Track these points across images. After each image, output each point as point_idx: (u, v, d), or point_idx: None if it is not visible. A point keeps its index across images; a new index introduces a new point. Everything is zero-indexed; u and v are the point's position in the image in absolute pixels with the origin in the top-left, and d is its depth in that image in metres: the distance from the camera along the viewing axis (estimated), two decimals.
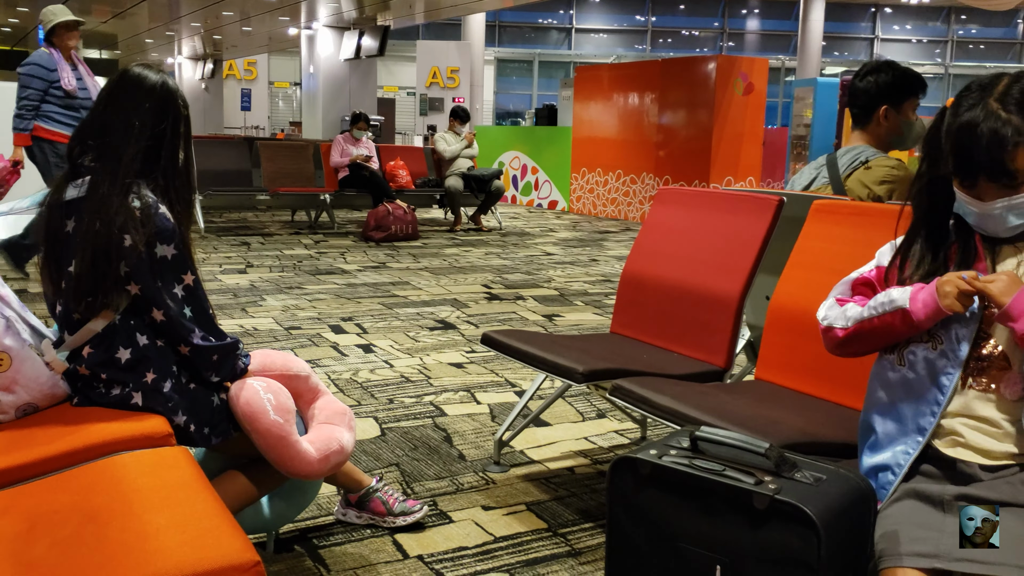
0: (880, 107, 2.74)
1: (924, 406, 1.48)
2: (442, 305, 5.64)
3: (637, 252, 3.00)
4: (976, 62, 27.64)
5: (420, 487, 2.74)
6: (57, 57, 5.80)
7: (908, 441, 1.50)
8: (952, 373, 1.46)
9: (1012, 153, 1.38)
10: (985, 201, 1.43)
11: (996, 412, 1.43)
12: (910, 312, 1.47)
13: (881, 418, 1.55)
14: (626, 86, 11.86)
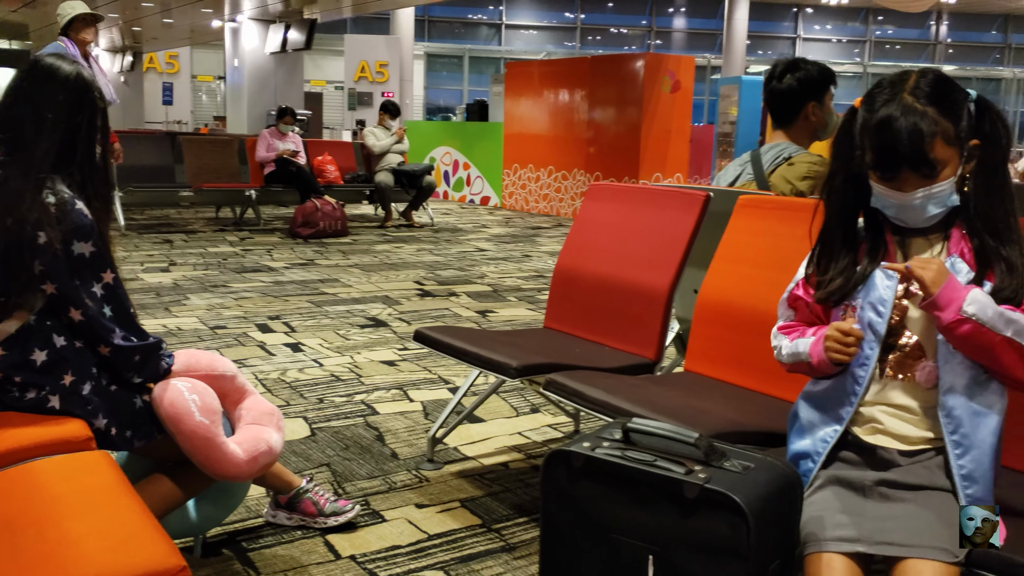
0: (807, 104, 2.80)
1: (843, 396, 1.53)
2: (373, 302, 5.59)
3: (569, 247, 3.02)
4: (893, 62, 28.50)
5: (352, 487, 2.71)
6: (73, 51, 5.63)
7: (827, 429, 1.55)
8: (867, 364, 1.50)
9: (931, 143, 1.43)
10: (905, 192, 1.47)
11: (912, 400, 1.48)
12: (815, 366, 1.57)
13: (805, 406, 1.60)
14: (556, 83, 11.92)
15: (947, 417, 1.43)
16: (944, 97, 1.45)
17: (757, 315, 2.26)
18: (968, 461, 1.42)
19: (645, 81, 10.60)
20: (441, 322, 5.07)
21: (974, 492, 1.41)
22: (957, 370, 1.44)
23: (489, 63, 28.03)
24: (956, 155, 1.46)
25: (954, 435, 1.43)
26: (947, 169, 1.45)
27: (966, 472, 1.42)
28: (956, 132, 1.45)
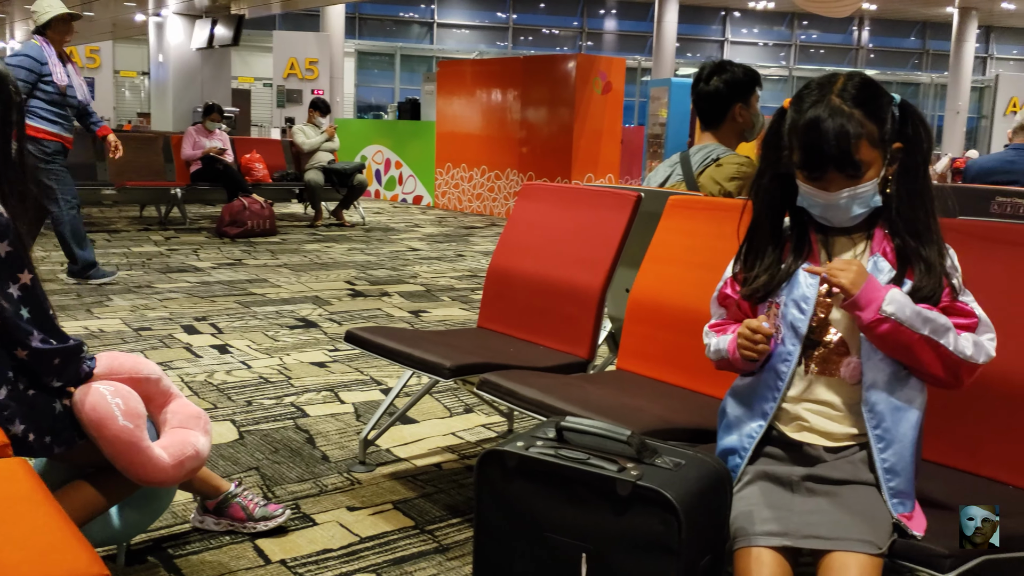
0: (734, 105, 2.85)
1: (766, 392, 1.56)
2: (303, 303, 5.51)
3: (503, 247, 3.02)
4: (817, 66, 29.26)
5: (282, 490, 2.66)
6: (49, 51, 5.49)
7: (752, 425, 1.58)
8: (789, 361, 1.53)
9: (856, 145, 1.46)
10: (831, 192, 1.50)
11: (837, 396, 1.52)
12: (733, 363, 1.62)
13: (732, 403, 1.63)
14: (489, 82, 11.92)
15: (870, 412, 1.47)
16: (870, 100, 1.49)
17: (688, 314, 2.29)
18: (890, 455, 1.45)
19: (577, 82, 10.68)
20: (373, 323, 5.03)
21: (896, 485, 1.45)
22: (879, 366, 1.47)
23: (421, 61, 27.91)
24: (880, 157, 1.50)
25: (876, 429, 1.46)
26: (871, 170, 1.49)
27: (888, 466, 1.45)
28: (880, 134, 1.49)
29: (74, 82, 5.63)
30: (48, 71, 5.45)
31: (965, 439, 1.80)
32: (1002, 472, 1.74)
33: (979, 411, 1.78)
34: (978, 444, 1.78)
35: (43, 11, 5.56)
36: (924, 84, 28.92)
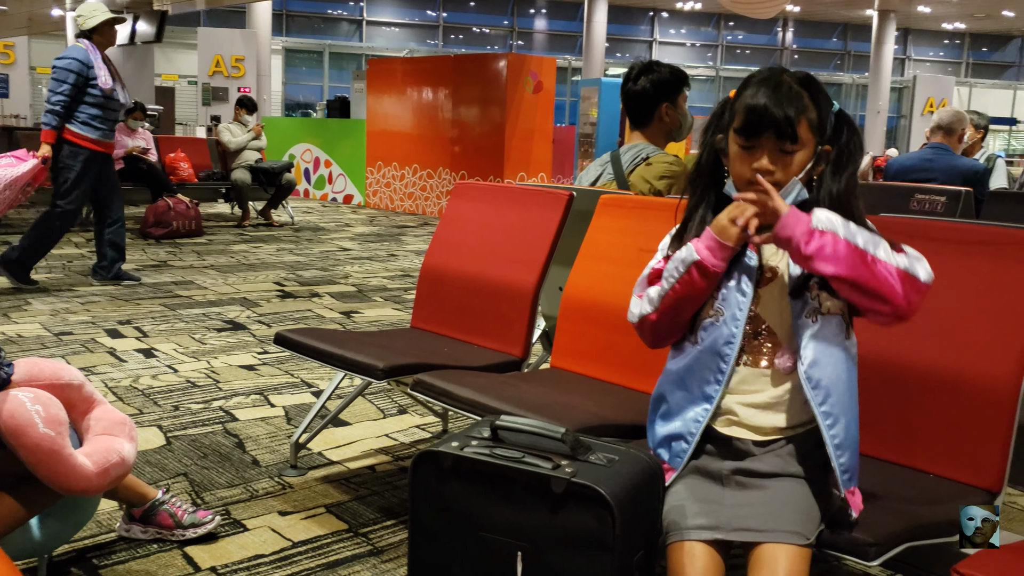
0: (661, 105, 2.88)
1: (709, 375, 1.55)
2: (230, 305, 5.41)
3: (436, 246, 3.00)
4: (743, 66, 29.84)
5: (211, 496, 2.61)
6: (95, 54, 5.48)
7: (697, 410, 1.56)
8: (733, 343, 1.53)
9: (799, 118, 1.48)
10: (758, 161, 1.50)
11: (769, 387, 1.53)
12: (702, 261, 1.51)
13: (673, 389, 1.60)
14: (420, 80, 11.86)
15: (815, 390, 1.46)
16: (815, 92, 1.52)
17: (620, 311, 2.30)
18: (839, 430, 1.46)
19: (508, 81, 10.70)
20: (303, 324, 4.96)
21: (846, 461, 1.46)
22: (819, 344, 1.47)
23: (350, 59, 27.61)
24: (812, 147, 1.51)
25: (823, 406, 1.46)
26: (800, 155, 1.50)
27: (838, 442, 1.45)
28: (818, 124, 1.51)
29: (117, 86, 5.62)
30: (95, 74, 5.44)
31: (892, 432, 1.85)
32: (926, 463, 1.80)
33: (906, 404, 1.84)
34: (904, 436, 1.84)
35: (89, 15, 5.54)
36: (846, 84, 29.73)
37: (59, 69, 5.40)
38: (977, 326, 1.77)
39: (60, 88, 5.38)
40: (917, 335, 1.84)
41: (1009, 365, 1.71)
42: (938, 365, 1.80)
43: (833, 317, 1.49)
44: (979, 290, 1.80)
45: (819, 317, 1.48)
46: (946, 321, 1.82)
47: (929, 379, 1.81)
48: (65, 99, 5.39)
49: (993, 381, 1.72)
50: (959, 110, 4.96)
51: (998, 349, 1.73)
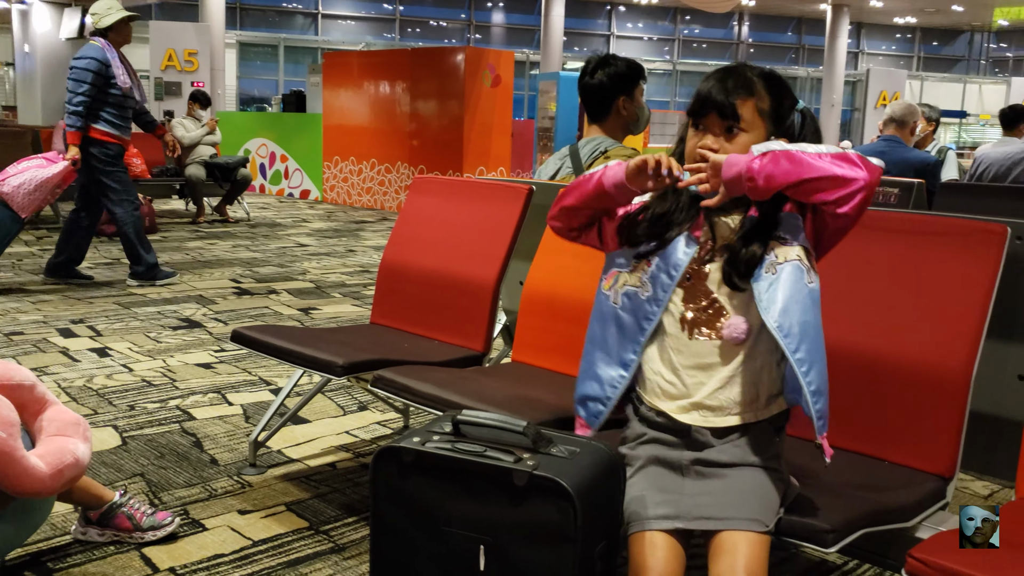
0: (618, 98, 2.90)
1: (628, 344, 1.58)
2: (186, 302, 5.33)
3: (395, 241, 2.99)
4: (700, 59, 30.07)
5: (169, 496, 2.57)
6: (111, 53, 5.48)
7: (614, 374, 1.59)
8: (651, 319, 1.55)
9: (744, 99, 1.52)
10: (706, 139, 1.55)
11: (717, 359, 1.53)
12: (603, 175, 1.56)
13: (593, 350, 1.63)
14: (377, 74, 11.78)
15: (787, 338, 1.45)
16: (774, 84, 1.57)
17: (581, 304, 2.31)
18: (815, 375, 1.46)
19: (466, 75, 10.66)
20: (260, 321, 4.90)
21: (821, 407, 1.47)
22: (782, 292, 1.46)
23: (306, 53, 27.32)
24: (762, 132, 1.54)
25: (797, 352, 1.45)
26: (746, 137, 1.53)
27: (814, 388, 1.45)
28: (771, 112, 1.55)
29: (133, 83, 5.62)
30: (113, 73, 5.44)
31: (848, 421, 1.88)
32: (881, 450, 1.83)
33: (860, 393, 1.87)
34: (860, 425, 1.87)
35: (104, 13, 5.53)
36: (801, 78, 30.11)
37: (78, 69, 5.39)
38: (929, 316, 1.81)
39: (80, 88, 5.37)
40: (871, 324, 1.88)
41: (961, 354, 1.74)
42: (892, 355, 1.83)
43: (790, 263, 1.48)
44: (932, 280, 1.83)
45: (777, 268, 1.48)
46: (899, 311, 1.85)
47: (883, 369, 1.84)
48: (87, 99, 5.38)
49: (945, 370, 1.76)
50: (911, 103, 5.05)
51: (950, 338, 1.77)
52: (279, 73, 27.39)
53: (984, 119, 27.03)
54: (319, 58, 21.55)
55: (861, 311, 1.89)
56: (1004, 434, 1.87)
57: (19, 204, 5.21)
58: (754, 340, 1.51)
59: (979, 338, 1.74)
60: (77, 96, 5.37)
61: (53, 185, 5.25)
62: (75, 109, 5.37)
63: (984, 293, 1.75)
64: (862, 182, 1.42)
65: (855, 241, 1.85)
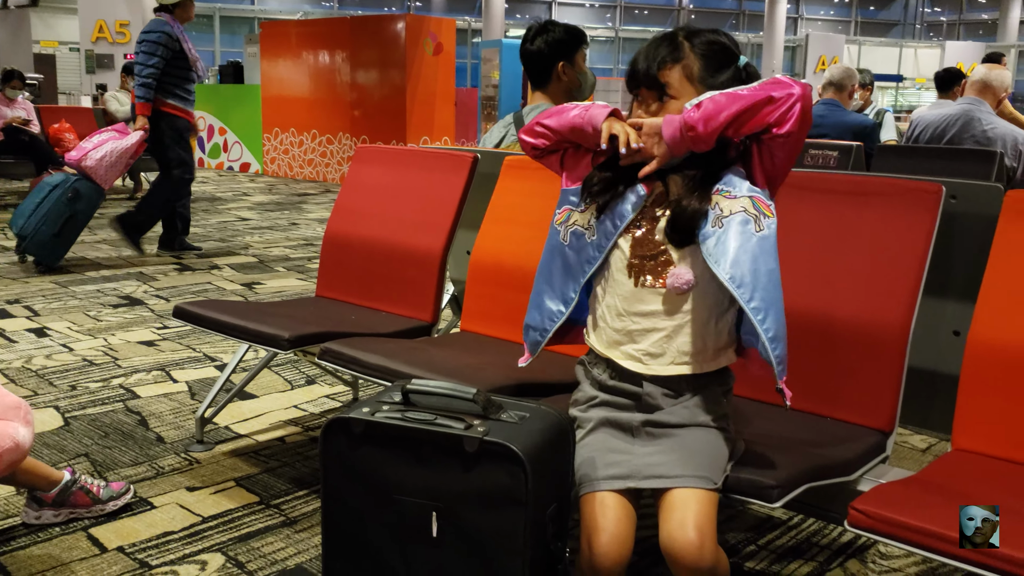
0: (557, 64, 2.89)
1: (570, 282, 1.61)
2: (126, 280, 5.22)
3: (338, 213, 2.95)
4: (641, 26, 30.10)
5: (115, 476, 2.53)
6: (178, 28, 5.63)
7: (554, 308, 1.63)
8: (593, 263, 1.57)
9: (668, 68, 1.54)
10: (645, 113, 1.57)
11: (661, 307, 1.54)
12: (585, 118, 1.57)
13: (541, 281, 1.67)
14: (316, 44, 11.57)
15: (740, 287, 1.46)
16: (708, 45, 1.57)
17: (529, 272, 2.31)
18: (772, 322, 1.47)
19: (407, 43, 10.53)
20: (203, 297, 4.82)
21: (780, 352, 1.48)
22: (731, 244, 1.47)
23: (242, 23, 26.71)
24: (692, 94, 1.54)
25: (752, 302, 1.46)
26: (678, 102, 1.53)
27: (772, 334, 1.47)
28: (701, 75, 1.55)
29: (192, 56, 5.72)
30: (180, 47, 5.58)
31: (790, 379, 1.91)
32: (823, 407, 1.87)
33: (802, 352, 1.90)
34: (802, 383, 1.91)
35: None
36: (741, 44, 30.33)
37: (149, 43, 5.49)
38: (868, 274, 1.85)
39: (151, 61, 5.47)
40: (811, 284, 1.91)
41: (899, 311, 1.79)
42: (832, 313, 1.87)
43: (736, 215, 1.49)
44: (870, 239, 1.87)
45: (724, 221, 1.49)
46: (838, 270, 1.89)
47: (824, 327, 1.88)
48: (157, 71, 5.49)
49: (884, 327, 1.80)
50: (849, 67, 5.12)
51: (888, 296, 1.81)
52: (215, 44, 26.75)
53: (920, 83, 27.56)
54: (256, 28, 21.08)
55: (801, 271, 1.92)
56: (940, 389, 1.93)
57: (101, 177, 5.40)
58: (701, 292, 1.51)
59: (916, 296, 1.78)
60: (147, 68, 5.46)
61: (129, 156, 5.42)
62: (145, 81, 5.47)
63: (921, 251, 1.79)
64: (796, 95, 1.45)
65: (795, 202, 1.89)
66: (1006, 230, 1.76)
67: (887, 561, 2.16)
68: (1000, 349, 1.70)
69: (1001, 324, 1.71)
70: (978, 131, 4.32)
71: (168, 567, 2.06)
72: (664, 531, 1.43)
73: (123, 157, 5.42)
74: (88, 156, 5.36)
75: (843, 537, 2.26)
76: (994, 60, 5.80)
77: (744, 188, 1.51)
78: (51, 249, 5.36)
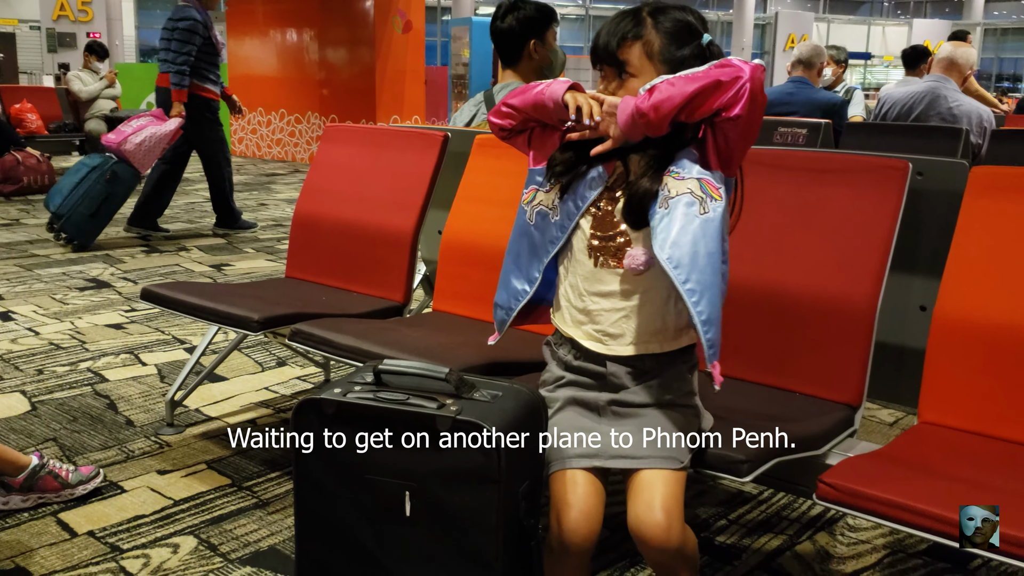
0: (529, 42, 2.87)
1: (535, 261, 1.62)
2: (92, 262, 5.15)
3: (308, 193, 2.93)
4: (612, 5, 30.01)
5: (84, 460, 2.50)
6: (205, 14, 5.82)
7: (519, 287, 1.64)
8: (556, 243, 1.58)
9: (627, 45, 1.53)
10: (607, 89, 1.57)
11: (618, 287, 1.54)
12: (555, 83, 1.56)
13: (509, 260, 1.67)
14: (283, 21, 11.42)
15: (676, 268, 1.45)
16: (673, 22, 1.55)
17: (500, 252, 2.30)
18: (706, 305, 1.46)
19: (376, 21, 10.43)
20: (171, 279, 4.77)
21: (712, 336, 1.47)
22: (673, 226, 1.47)
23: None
24: (652, 73, 1.53)
25: (687, 283, 1.46)
26: (637, 80, 1.53)
27: (704, 317, 1.46)
28: (661, 54, 1.54)
29: (218, 39, 6.00)
30: (208, 33, 5.80)
31: (760, 355, 1.93)
32: (792, 382, 1.89)
33: (772, 328, 1.92)
34: (771, 358, 1.93)
35: None
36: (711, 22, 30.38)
37: (182, 31, 5.66)
38: (837, 250, 1.87)
39: (185, 48, 5.66)
40: (780, 261, 1.93)
41: (866, 286, 1.80)
42: (801, 289, 1.89)
43: (682, 197, 1.48)
44: (839, 216, 1.89)
45: (670, 203, 1.48)
46: (807, 247, 1.91)
47: (793, 303, 1.90)
48: (191, 59, 5.69)
49: (852, 303, 1.82)
50: (817, 44, 5.14)
51: (856, 271, 1.83)
52: None
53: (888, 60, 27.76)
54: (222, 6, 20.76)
55: (771, 248, 1.94)
56: (907, 363, 1.96)
57: (140, 161, 5.51)
58: (658, 272, 1.51)
59: (883, 271, 1.80)
60: (181, 56, 5.64)
61: (167, 141, 5.55)
62: (181, 68, 5.65)
63: (888, 227, 1.81)
64: (745, 78, 1.43)
65: (765, 180, 1.90)
66: (971, 206, 1.78)
67: (856, 533, 2.19)
68: (965, 323, 1.72)
69: (966, 299, 1.73)
70: (944, 108, 4.37)
71: (140, 551, 2.05)
72: (632, 513, 1.45)
73: (161, 142, 5.53)
74: (128, 140, 5.47)
75: (812, 510, 2.29)
76: (960, 38, 5.86)
77: (694, 171, 1.50)
78: (86, 229, 5.48)
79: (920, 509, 1.34)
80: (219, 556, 2.03)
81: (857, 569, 2.05)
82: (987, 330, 1.70)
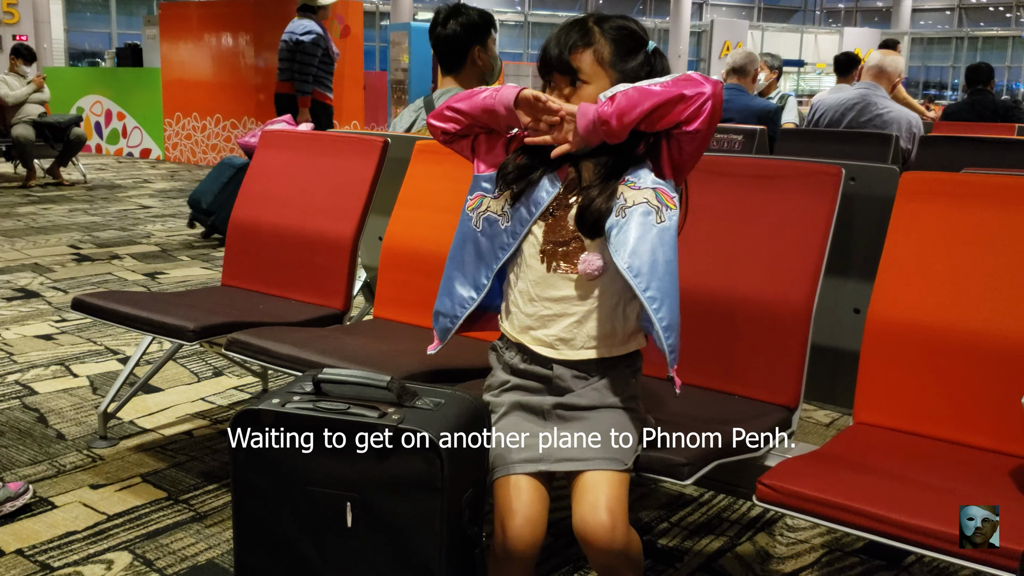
0: (473, 48, 2.87)
1: (483, 268, 1.61)
2: (20, 272, 4.99)
3: (244, 199, 2.88)
4: (550, 11, 30.18)
5: (12, 476, 2.42)
6: (322, 27, 6.42)
7: (465, 294, 1.63)
8: (507, 249, 1.57)
9: (579, 53, 1.55)
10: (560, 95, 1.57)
11: (572, 291, 1.55)
12: (505, 89, 1.56)
13: (452, 268, 1.66)
14: (218, 26, 11.23)
15: (636, 277, 1.47)
16: (618, 30, 1.57)
17: (442, 257, 2.29)
18: (666, 312, 1.49)
19: None
20: (104, 288, 4.65)
21: (673, 341, 1.50)
22: (631, 234, 1.48)
23: (140, 4, 25.73)
24: (605, 79, 1.55)
25: (648, 291, 1.47)
26: (590, 88, 1.54)
27: (665, 324, 1.49)
28: (612, 60, 1.56)
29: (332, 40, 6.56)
30: (327, 44, 6.44)
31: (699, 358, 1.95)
32: (731, 385, 1.92)
33: (710, 332, 1.94)
34: (710, 362, 1.95)
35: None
36: (649, 29, 30.75)
37: (308, 44, 6.29)
38: (772, 254, 1.90)
39: (313, 60, 6.31)
40: (717, 265, 1.95)
41: (802, 290, 1.84)
42: (738, 293, 1.92)
43: (638, 206, 1.50)
44: (774, 221, 1.92)
45: (626, 211, 1.50)
46: (743, 251, 1.94)
47: (730, 307, 1.92)
48: (316, 69, 6.35)
49: (788, 306, 1.85)
50: (751, 52, 5.23)
51: (792, 275, 1.86)
52: (111, 25, 25.71)
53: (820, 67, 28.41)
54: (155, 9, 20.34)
55: (707, 253, 1.96)
56: (842, 365, 2.00)
57: None
58: (611, 277, 1.53)
59: (818, 275, 1.84)
60: (307, 66, 6.29)
61: None
62: (305, 78, 6.32)
63: (822, 232, 1.85)
64: (707, 94, 1.47)
65: (702, 185, 1.92)
66: (902, 210, 1.83)
67: (794, 533, 2.23)
68: (898, 325, 1.76)
69: (898, 301, 1.78)
70: (874, 115, 4.48)
71: (72, 568, 1.98)
72: (577, 514, 1.45)
73: None
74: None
75: (752, 511, 2.33)
76: (889, 46, 6.02)
77: (649, 180, 1.53)
78: None
79: (856, 508, 1.36)
80: (155, 571, 1.98)
81: (796, 568, 2.08)
82: (919, 331, 1.74)
